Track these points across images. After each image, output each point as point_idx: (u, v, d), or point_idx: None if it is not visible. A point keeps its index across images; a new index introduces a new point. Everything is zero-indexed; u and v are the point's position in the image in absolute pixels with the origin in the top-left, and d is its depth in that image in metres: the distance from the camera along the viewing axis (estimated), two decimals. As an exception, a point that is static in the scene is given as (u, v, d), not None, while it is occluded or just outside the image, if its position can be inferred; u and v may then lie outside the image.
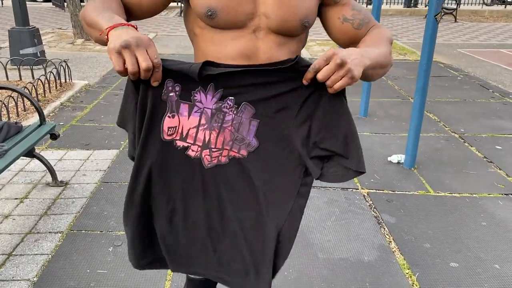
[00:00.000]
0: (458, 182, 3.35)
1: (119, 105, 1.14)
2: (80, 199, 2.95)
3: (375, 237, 2.66)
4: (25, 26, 6.24)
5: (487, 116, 4.90)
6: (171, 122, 1.02)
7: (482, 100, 5.50)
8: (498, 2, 16.32)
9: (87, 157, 3.61)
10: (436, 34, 3.21)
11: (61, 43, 8.60)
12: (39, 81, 4.69)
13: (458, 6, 13.62)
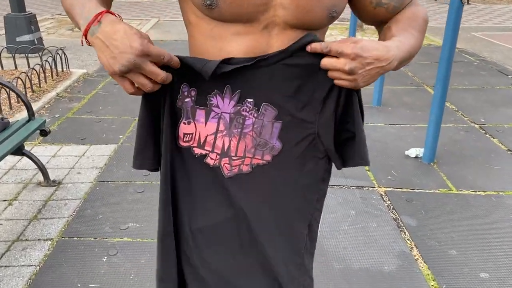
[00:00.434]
0: (482, 178, 3.10)
1: (119, 95, 1.05)
2: (73, 201, 2.72)
3: (395, 242, 2.42)
4: (21, 12, 6.00)
5: (508, 104, 4.61)
6: (187, 128, 0.98)
7: (502, 87, 5.20)
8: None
9: (83, 153, 3.38)
10: (460, 17, 2.92)
11: (60, 30, 8.34)
12: (34, 70, 4.44)
13: (470, -13, 13.17)
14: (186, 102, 0.96)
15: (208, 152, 0.99)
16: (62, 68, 5.24)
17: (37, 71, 4.53)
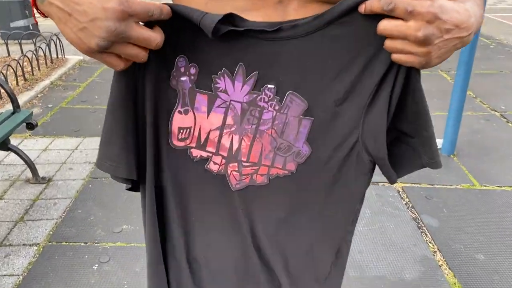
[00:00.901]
0: (507, 172, 2.85)
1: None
2: (63, 200, 2.51)
3: (416, 246, 2.19)
4: (14, -3, 5.74)
5: (529, 90, 4.34)
6: (183, 120, 0.73)
7: (521, 71, 4.93)
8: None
9: (76, 146, 3.16)
10: (486, -5, 2.65)
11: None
12: (26, 57, 4.21)
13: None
14: (182, 81, 0.70)
15: (210, 154, 0.75)
16: (57, 54, 5.00)
17: (29, 58, 4.29)
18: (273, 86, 0.70)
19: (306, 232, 0.80)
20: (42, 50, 4.66)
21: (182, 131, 0.74)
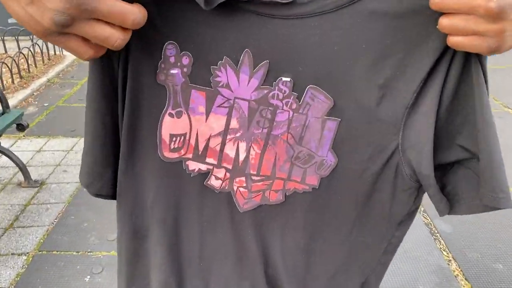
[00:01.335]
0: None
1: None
2: (56, 205, 2.38)
3: (430, 254, 2.06)
4: (11, -8, 5.61)
5: (543, 85, 4.19)
6: (176, 125, 0.59)
7: (533, 66, 4.76)
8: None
9: (71, 147, 3.03)
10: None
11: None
12: (22, 54, 4.08)
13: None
14: (172, 75, 0.56)
15: (211, 167, 0.61)
16: (55, 51, 4.87)
17: (25, 55, 4.16)
18: (289, 79, 0.55)
19: (329, 260, 0.67)
20: (39, 46, 4.53)
21: (174, 139, 0.60)
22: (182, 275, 0.68)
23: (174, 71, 0.56)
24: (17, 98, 3.70)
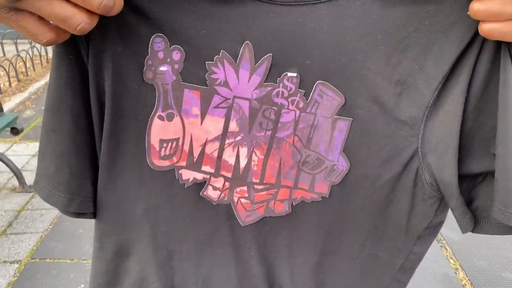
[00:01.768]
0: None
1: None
2: (50, 211, 2.32)
3: (436, 262, 1.99)
4: (11, -5, 5.58)
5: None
6: (167, 129, 0.52)
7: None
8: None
9: (68, 151, 2.97)
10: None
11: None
12: (20, 57, 4.03)
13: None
14: (161, 72, 0.50)
15: (208, 176, 0.55)
16: (54, 54, 4.83)
17: (23, 58, 4.11)
18: (295, 75, 0.49)
19: (340, 278, 0.61)
20: (38, 50, 4.49)
21: (165, 145, 0.54)
22: None
23: (163, 68, 0.49)
24: (14, 102, 3.65)
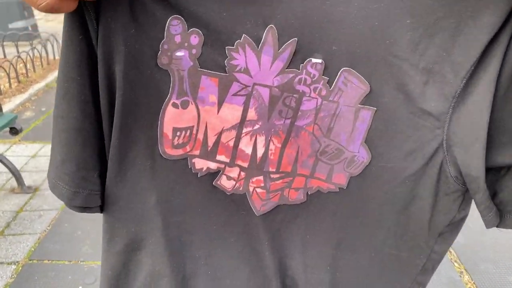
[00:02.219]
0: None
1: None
2: (49, 212, 2.29)
3: (441, 265, 1.91)
4: (12, -3, 5.59)
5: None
6: (181, 117, 0.50)
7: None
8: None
9: (68, 152, 2.94)
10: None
11: (61, 16, 7.94)
12: (20, 59, 4.02)
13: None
14: (178, 58, 0.47)
15: (223, 165, 0.53)
16: (54, 56, 4.81)
17: (23, 60, 4.09)
18: (320, 61, 0.46)
19: (356, 274, 0.58)
20: (38, 51, 4.47)
21: (179, 134, 0.51)
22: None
23: (180, 54, 0.47)
24: (14, 103, 3.63)
